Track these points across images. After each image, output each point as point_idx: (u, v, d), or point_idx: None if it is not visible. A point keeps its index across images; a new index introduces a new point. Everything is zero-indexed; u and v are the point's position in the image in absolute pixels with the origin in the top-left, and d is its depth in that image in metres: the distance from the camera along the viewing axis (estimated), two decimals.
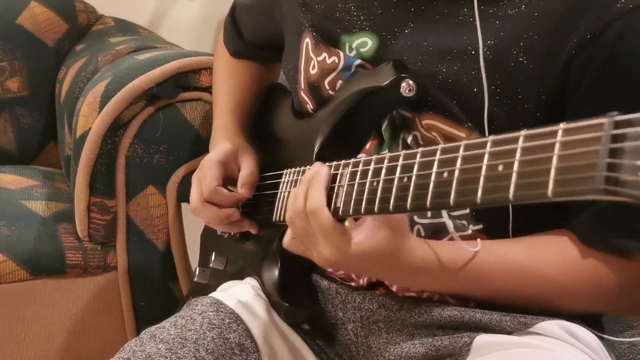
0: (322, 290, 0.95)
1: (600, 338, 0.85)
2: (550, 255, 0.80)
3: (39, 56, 1.85)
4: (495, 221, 0.82)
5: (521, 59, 0.78)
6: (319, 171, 0.76)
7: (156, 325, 0.90)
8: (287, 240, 0.82)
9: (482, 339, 0.81)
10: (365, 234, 0.74)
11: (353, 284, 0.92)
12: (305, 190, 0.76)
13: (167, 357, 0.83)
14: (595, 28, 0.75)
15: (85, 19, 1.92)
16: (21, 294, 1.36)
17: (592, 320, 0.86)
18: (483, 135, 0.79)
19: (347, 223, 0.77)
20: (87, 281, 1.41)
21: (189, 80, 1.38)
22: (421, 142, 0.84)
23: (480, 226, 0.83)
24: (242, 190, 1.02)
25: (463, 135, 0.81)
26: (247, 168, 1.03)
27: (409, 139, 0.85)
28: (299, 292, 0.95)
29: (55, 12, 1.87)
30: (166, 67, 1.36)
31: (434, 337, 0.85)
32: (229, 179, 1.04)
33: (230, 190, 1.03)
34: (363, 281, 0.91)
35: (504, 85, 0.78)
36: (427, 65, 0.82)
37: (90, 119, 1.35)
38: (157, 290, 1.44)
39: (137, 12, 2.12)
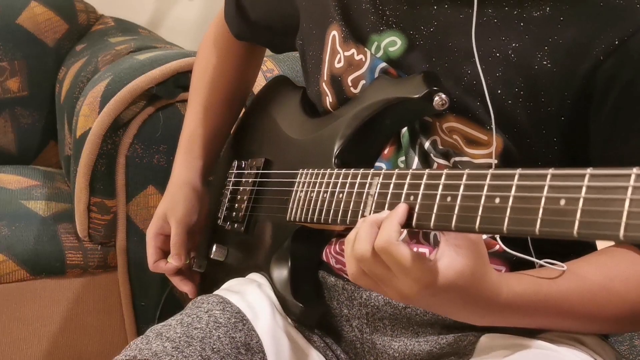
0: (328, 287, 0.95)
1: (604, 340, 0.85)
2: (625, 272, 0.77)
3: (39, 56, 1.85)
4: None
5: (545, 63, 0.77)
6: (398, 207, 0.70)
7: (162, 323, 0.90)
8: (353, 275, 0.74)
9: (487, 338, 0.81)
10: (446, 260, 0.68)
11: None
12: (371, 230, 0.70)
13: (173, 356, 0.83)
14: (623, 34, 0.74)
15: (85, 19, 1.92)
16: (21, 294, 1.36)
17: None
18: (505, 137, 0.79)
19: None
20: (87, 281, 1.41)
21: (188, 80, 1.38)
22: (440, 147, 0.84)
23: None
24: (172, 260, 1.08)
25: (485, 137, 0.80)
26: (173, 235, 1.10)
27: (427, 144, 0.85)
28: (310, 291, 0.95)
29: (55, 12, 1.88)
30: (166, 67, 1.36)
31: (439, 335, 0.85)
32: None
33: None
34: None
35: (527, 88, 0.78)
36: (453, 67, 0.82)
37: (90, 119, 1.35)
38: (157, 290, 1.44)
39: (137, 12, 2.12)
